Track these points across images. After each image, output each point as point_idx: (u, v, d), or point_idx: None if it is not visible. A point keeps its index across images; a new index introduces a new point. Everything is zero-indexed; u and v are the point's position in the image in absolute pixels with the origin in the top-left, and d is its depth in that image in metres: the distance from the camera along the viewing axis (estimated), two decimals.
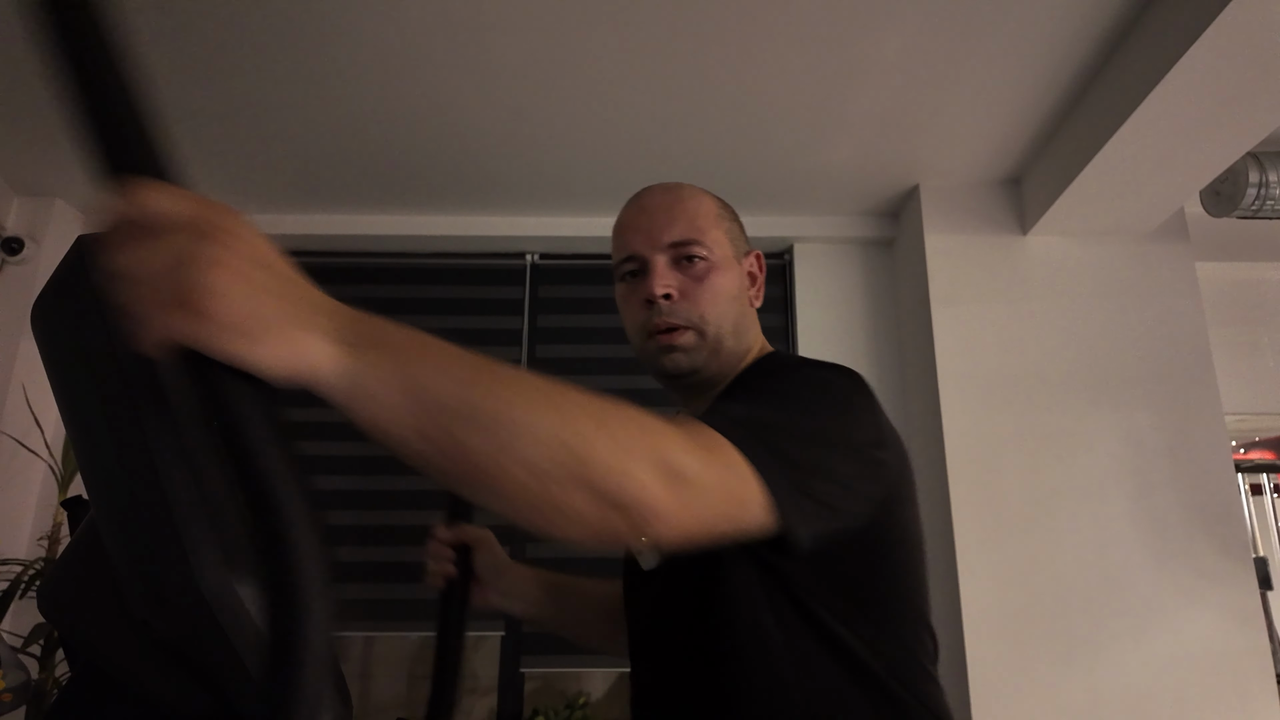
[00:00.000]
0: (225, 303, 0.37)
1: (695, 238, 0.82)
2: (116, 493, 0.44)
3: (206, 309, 0.37)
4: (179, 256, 0.37)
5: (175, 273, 0.37)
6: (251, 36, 1.64)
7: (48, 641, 1.85)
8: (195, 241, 0.38)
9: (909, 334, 2.30)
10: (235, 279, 0.38)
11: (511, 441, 0.44)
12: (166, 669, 0.47)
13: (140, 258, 0.37)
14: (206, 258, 0.37)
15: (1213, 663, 1.85)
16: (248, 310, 0.38)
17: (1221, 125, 1.67)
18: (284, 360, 0.39)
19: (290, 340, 0.39)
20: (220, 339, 0.37)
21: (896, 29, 1.61)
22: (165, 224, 0.38)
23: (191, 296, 0.36)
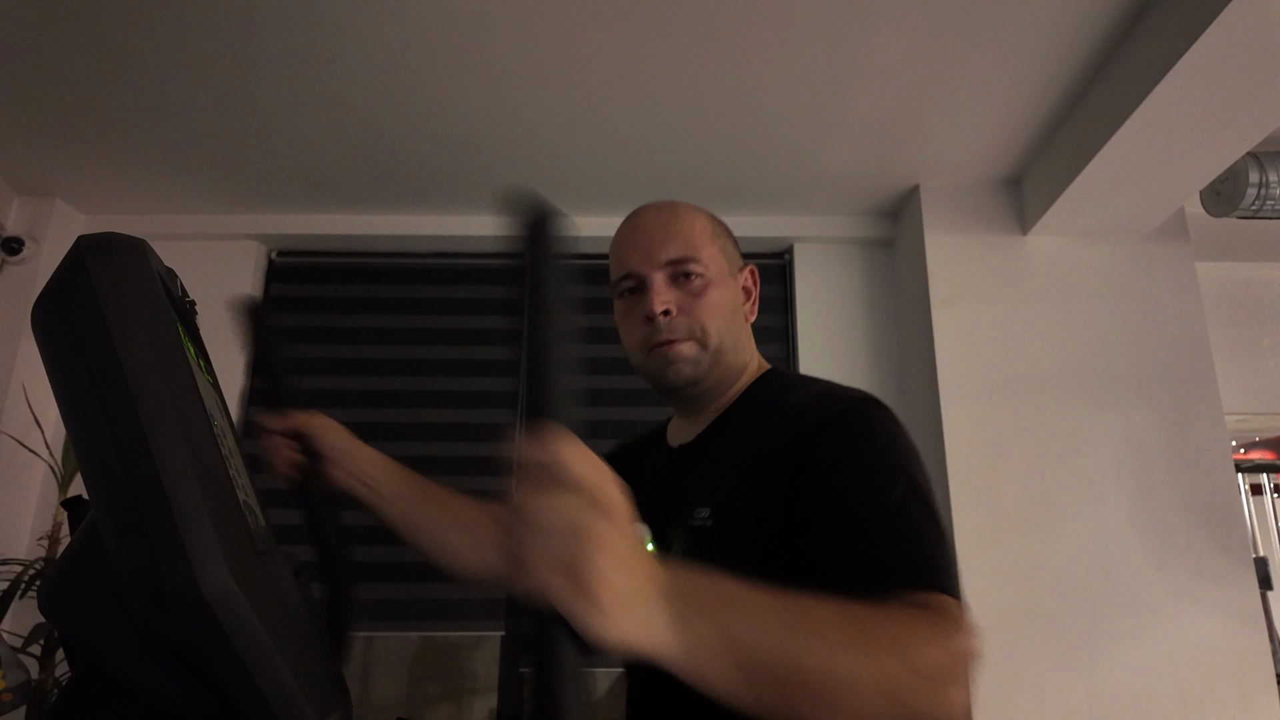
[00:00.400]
0: (605, 588, 0.40)
1: (691, 255, 0.84)
2: (117, 492, 0.44)
3: (588, 589, 0.39)
4: (578, 527, 0.40)
5: (572, 542, 0.40)
6: (252, 36, 1.64)
7: (48, 641, 1.85)
8: (594, 517, 0.40)
9: (909, 334, 2.30)
10: (618, 567, 0.40)
11: (838, 700, 0.49)
12: (167, 669, 0.47)
13: (544, 505, 0.40)
14: (601, 538, 0.40)
15: (1213, 663, 1.85)
16: (620, 598, 0.40)
17: (1221, 125, 1.67)
18: (627, 639, 0.41)
19: (638, 625, 0.42)
20: (587, 616, 0.39)
21: (897, 29, 1.61)
22: (570, 478, 0.41)
23: (581, 573, 0.39)
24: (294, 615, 0.60)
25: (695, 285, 0.84)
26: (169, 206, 2.36)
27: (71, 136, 2.00)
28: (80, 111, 1.89)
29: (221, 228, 2.39)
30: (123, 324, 0.47)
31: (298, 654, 0.52)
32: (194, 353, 0.61)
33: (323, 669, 0.64)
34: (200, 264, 2.32)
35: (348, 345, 2.40)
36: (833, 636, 0.49)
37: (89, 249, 0.49)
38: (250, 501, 0.60)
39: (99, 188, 2.26)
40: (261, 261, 2.46)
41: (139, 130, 1.97)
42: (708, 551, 0.75)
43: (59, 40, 1.64)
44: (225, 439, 0.61)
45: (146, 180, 2.22)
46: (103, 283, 0.47)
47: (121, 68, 1.73)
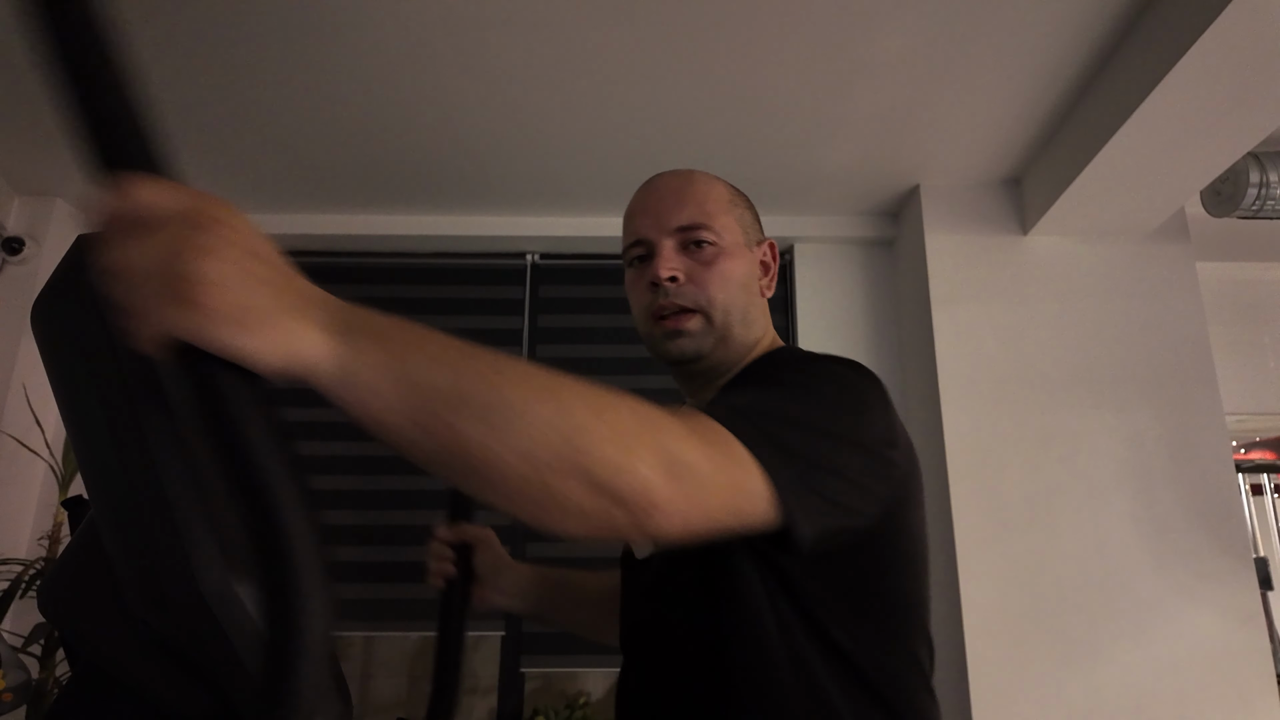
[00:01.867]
0: (218, 291, 0.37)
1: (704, 222, 0.81)
2: (116, 492, 0.44)
3: (199, 298, 0.36)
4: (170, 248, 0.37)
5: (167, 265, 0.37)
6: (252, 36, 1.64)
7: (48, 641, 1.85)
8: (186, 232, 0.37)
9: (909, 334, 2.30)
10: (227, 267, 0.37)
11: (507, 430, 0.43)
12: (166, 669, 0.47)
13: (132, 251, 0.37)
14: (198, 247, 0.37)
15: (1213, 663, 1.85)
16: (241, 299, 0.37)
17: (1221, 125, 1.67)
18: (277, 351, 0.38)
19: (284, 330, 0.39)
20: (213, 329, 0.37)
21: (896, 29, 1.61)
22: (157, 217, 0.38)
23: (184, 286, 0.36)
24: None
25: (706, 254, 0.81)
26: None
27: (67, 133, 2.00)
28: None
29: None
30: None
31: None
32: None
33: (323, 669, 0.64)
34: None
35: None
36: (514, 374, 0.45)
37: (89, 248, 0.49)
38: None
39: None
40: None
41: None
42: None
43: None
44: None
45: None
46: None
47: None
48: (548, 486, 0.45)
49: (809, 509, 0.58)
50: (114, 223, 0.38)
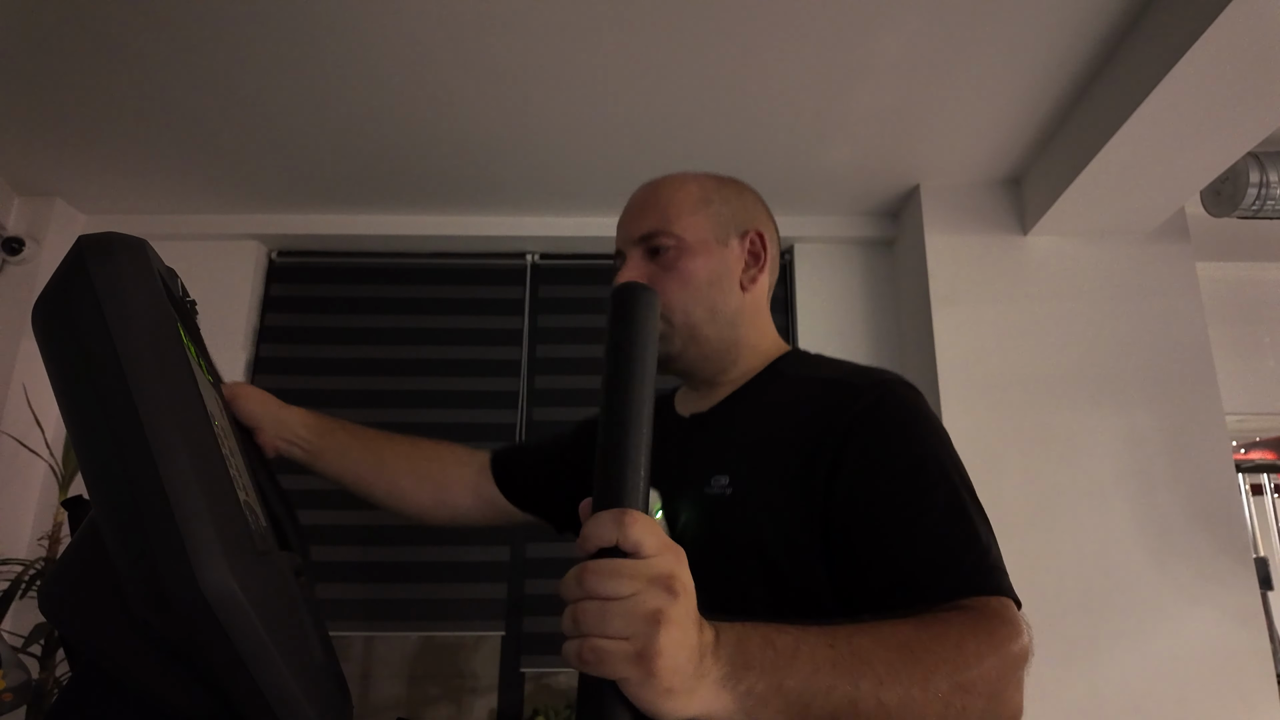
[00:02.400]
0: (669, 666, 0.40)
1: (661, 228, 0.82)
2: (117, 493, 0.44)
3: (653, 667, 0.40)
4: (645, 604, 0.40)
5: (640, 624, 0.40)
6: (253, 36, 1.64)
7: (48, 641, 1.85)
8: (663, 597, 0.41)
9: (909, 334, 2.30)
10: (682, 644, 0.41)
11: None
12: (167, 669, 0.47)
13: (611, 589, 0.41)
14: (667, 618, 0.40)
15: (1213, 663, 1.85)
16: (681, 674, 0.41)
17: (1221, 125, 1.67)
18: (684, 712, 0.42)
19: (697, 698, 0.42)
20: (649, 695, 0.40)
21: (896, 29, 1.61)
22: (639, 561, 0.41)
23: (649, 653, 0.40)
24: (294, 615, 0.60)
25: (667, 258, 0.82)
26: (169, 206, 2.36)
27: (71, 136, 2.00)
28: (80, 111, 1.89)
29: (221, 228, 2.39)
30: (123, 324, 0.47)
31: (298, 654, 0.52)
32: (194, 353, 0.61)
33: (323, 669, 0.64)
34: (200, 264, 2.33)
35: (348, 345, 2.40)
36: (884, 671, 0.49)
37: (89, 249, 0.49)
38: (251, 502, 0.60)
39: (99, 188, 2.26)
40: (261, 261, 2.46)
41: (139, 130, 1.97)
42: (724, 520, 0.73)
43: (59, 40, 1.64)
44: (226, 439, 0.61)
45: (146, 180, 2.22)
46: (103, 283, 0.47)
47: (122, 68, 1.73)
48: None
49: None
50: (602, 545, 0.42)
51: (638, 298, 0.46)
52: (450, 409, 2.36)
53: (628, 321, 0.45)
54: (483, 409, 2.36)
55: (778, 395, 0.79)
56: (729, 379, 0.84)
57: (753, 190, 0.91)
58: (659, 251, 0.82)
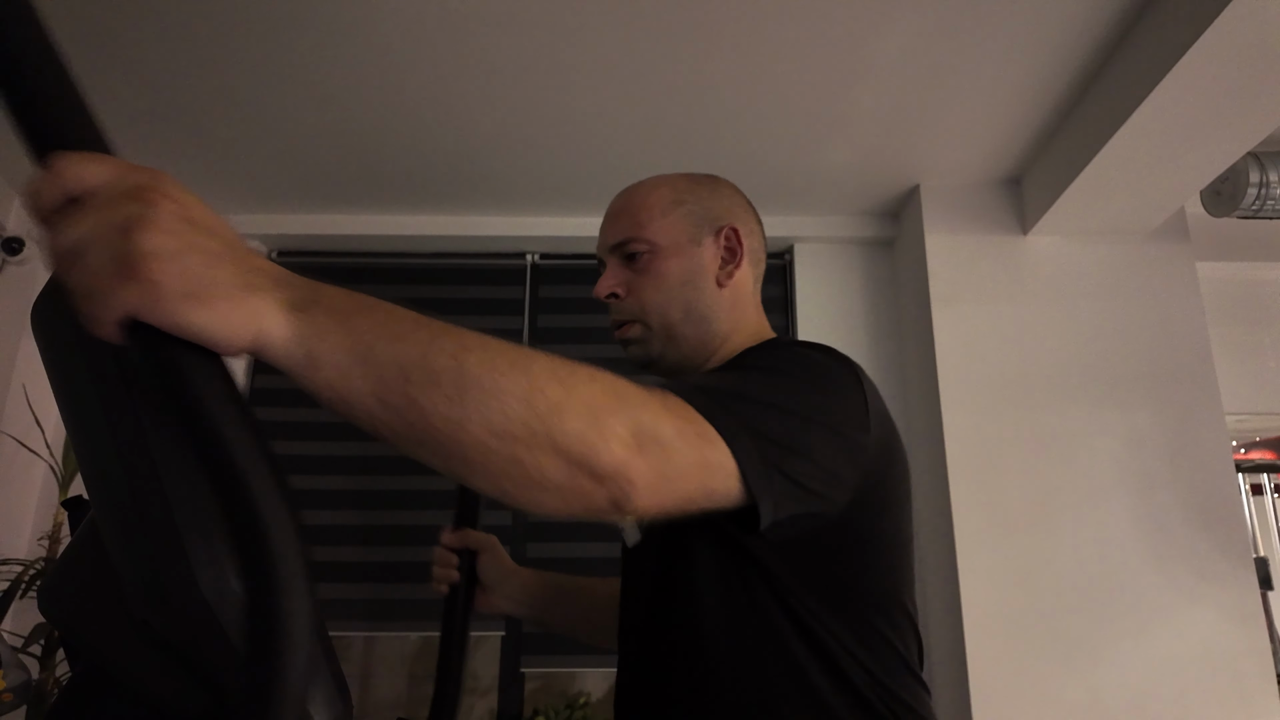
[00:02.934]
0: (167, 264, 0.35)
1: (633, 234, 0.84)
2: (116, 492, 0.44)
3: (147, 273, 0.35)
4: (111, 223, 0.35)
5: (110, 241, 0.35)
6: (252, 36, 1.64)
7: (48, 641, 1.85)
8: (126, 205, 0.36)
9: (909, 334, 2.30)
10: (173, 240, 0.36)
11: (474, 403, 0.42)
12: (167, 669, 0.47)
13: (71, 230, 0.36)
14: (140, 219, 0.36)
15: (1213, 663, 1.85)
16: (191, 272, 0.36)
17: (1221, 125, 1.67)
18: (234, 326, 0.37)
19: (242, 305, 0.38)
20: (167, 305, 0.35)
21: (896, 29, 1.61)
22: (93, 193, 0.36)
23: (130, 262, 0.35)
24: None
25: (641, 263, 0.84)
26: None
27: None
28: None
29: None
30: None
31: None
32: None
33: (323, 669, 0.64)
34: None
35: None
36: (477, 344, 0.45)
37: None
38: None
39: None
40: None
41: (139, 130, 1.97)
42: None
43: (59, 39, 1.64)
44: None
45: None
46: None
47: (122, 67, 1.73)
48: (519, 461, 0.44)
49: (775, 491, 0.58)
50: (49, 202, 0.37)
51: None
52: None
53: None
54: None
55: None
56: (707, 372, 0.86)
57: (729, 185, 0.91)
58: (634, 257, 0.84)
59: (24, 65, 0.38)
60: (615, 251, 0.86)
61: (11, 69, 0.37)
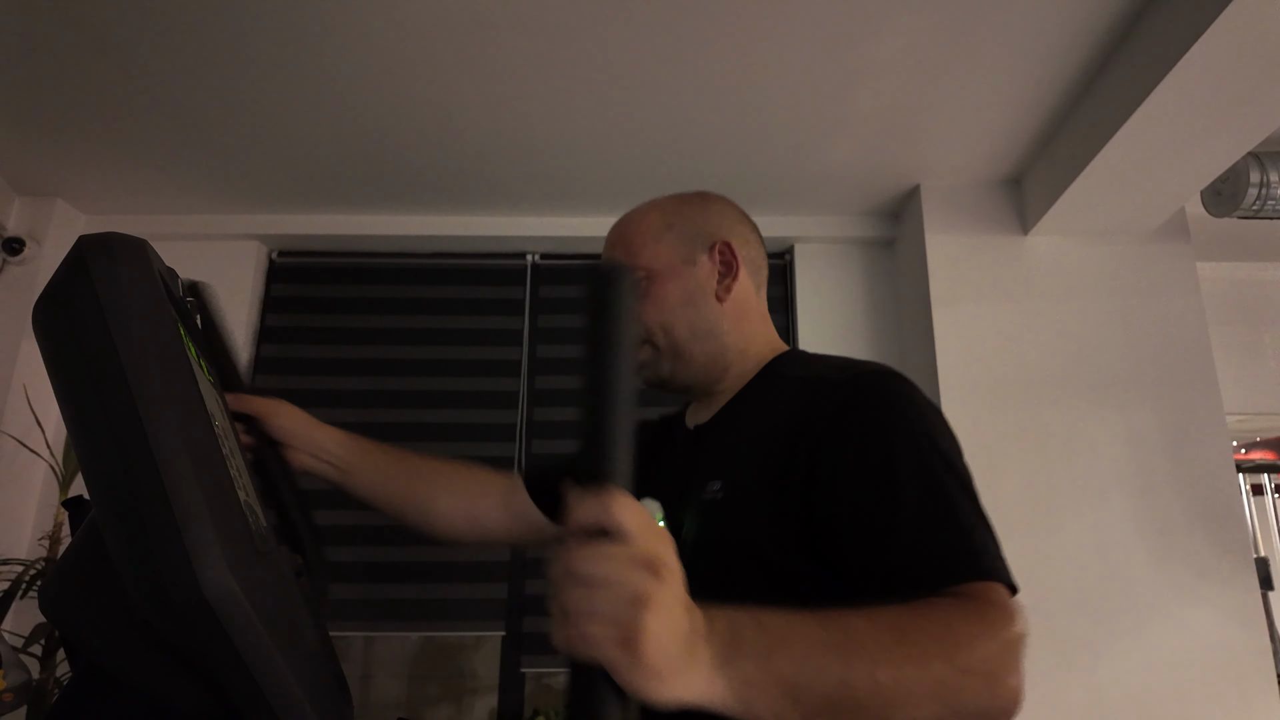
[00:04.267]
0: (656, 649, 0.40)
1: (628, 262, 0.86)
2: (118, 493, 0.44)
3: (640, 650, 0.39)
4: (630, 586, 0.40)
5: (626, 607, 0.40)
6: (253, 36, 1.64)
7: (49, 641, 1.85)
8: (644, 575, 0.40)
9: (909, 334, 2.30)
10: (668, 627, 0.41)
11: (892, 714, 0.49)
12: (168, 669, 0.47)
13: (597, 568, 0.40)
14: (653, 600, 0.40)
15: (1213, 663, 1.85)
16: (669, 655, 0.41)
17: (1221, 125, 1.67)
18: (674, 696, 0.42)
19: (687, 683, 0.42)
20: (637, 678, 0.40)
21: (896, 29, 1.61)
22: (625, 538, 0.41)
23: (632, 636, 0.39)
24: (295, 616, 0.60)
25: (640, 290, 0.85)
26: (169, 206, 2.36)
27: (71, 136, 2.00)
28: (80, 111, 1.89)
29: (221, 228, 2.39)
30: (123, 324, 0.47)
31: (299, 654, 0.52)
32: (194, 353, 0.61)
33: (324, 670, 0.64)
34: (200, 264, 2.33)
35: (348, 345, 2.41)
36: (877, 652, 0.49)
37: (89, 249, 0.49)
38: (251, 502, 0.60)
39: (99, 188, 2.26)
40: (262, 261, 2.46)
41: (139, 130, 1.97)
42: (718, 523, 0.75)
43: (59, 40, 1.64)
44: (226, 439, 0.61)
45: (146, 180, 2.22)
46: (103, 283, 0.47)
47: (122, 68, 1.73)
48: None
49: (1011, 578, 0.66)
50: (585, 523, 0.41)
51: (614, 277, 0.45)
52: (451, 409, 2.36)
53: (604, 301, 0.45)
54: (483, 409, 2.36)
55: (770, 397, 0.81)
56: (725, 387, 0.87)
57: (720, 200, 0.91)
58: None
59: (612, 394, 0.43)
60: None
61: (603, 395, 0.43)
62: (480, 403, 2.37)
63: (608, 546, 0.40)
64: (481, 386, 2.38)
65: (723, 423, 0.84)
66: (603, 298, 0.44)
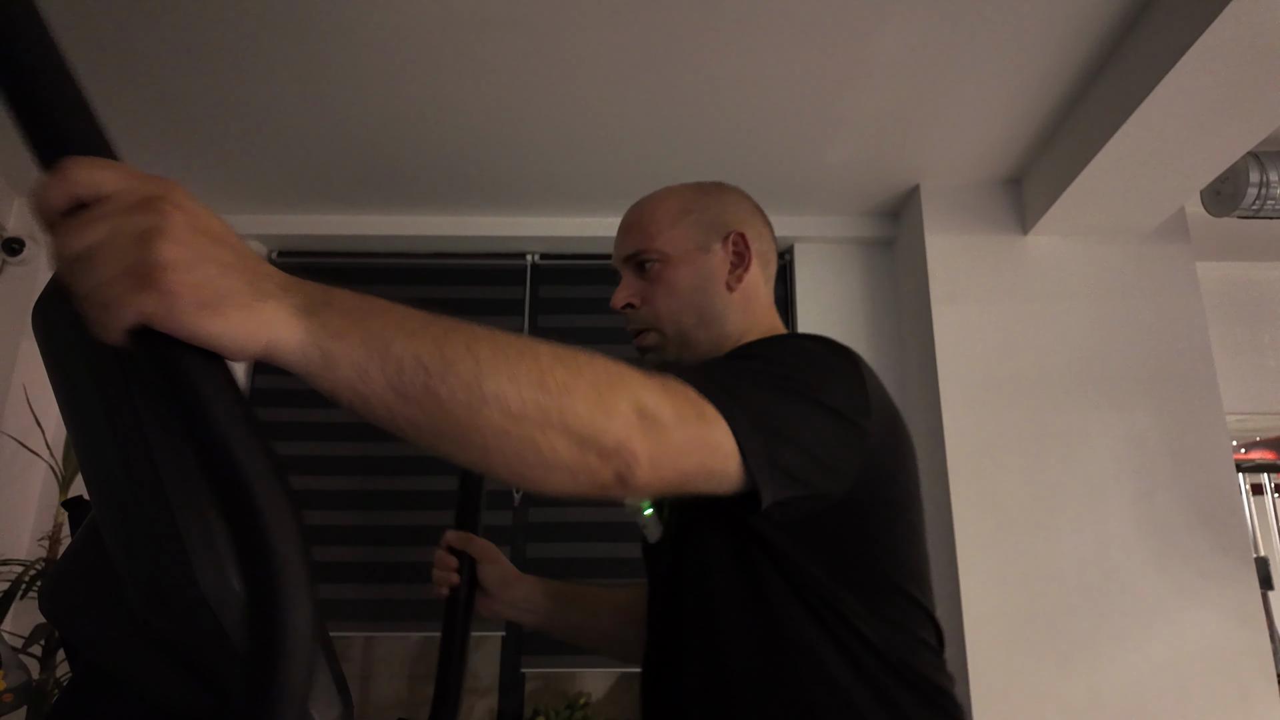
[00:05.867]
0: (180, 274, 0.36)
1: (644, 245, 0.87)
2: (117, 493, 0.44)
3: (163, 283, 0.36)
4: (126, 232, 0.36)
5: (125, 250, 0.36)
6: (253, 36, 1.64)
7: (49, 642, 1.85)
8: (141, 215, 0.36)
9: (909, 334, 2.30)
10: (187, 250, 0.37)
11: (488, 388, 0.44)
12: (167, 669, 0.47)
13: (84, 237, 0.36)
14: (154, 230, 0.36)
15: (1213, 663, 1.85)
16: (204, 281, 0.37)
17: (1221, 125, 1.67)
18: (250, 335, 0.38)
19: (255, 313, 0.39)
20: (181, 314, 0.36)
21: (896, 29, 1.61)
22: (105, 199, 0.37)
23: (145, 272, 0.35)
24: None
25: (652, 273, 0.87)
26: None
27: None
28: None
29: None
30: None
31: None
32: None
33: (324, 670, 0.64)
34: None
35: None
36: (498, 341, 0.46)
37: None
38: None
39: None
40: None
41: (139, 130, 1.97)
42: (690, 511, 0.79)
43: (59, 40, 1.64)
44: None
45: None
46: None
47: (122, 68, 1.73)
48: (532, 442, 0.46)
49: (774, 472, 0.60)
50: (60, 208, 0.37)
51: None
52: None
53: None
54: None
55: None
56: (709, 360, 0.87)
57: (737, 192, 0.93)
58: (646, 267, 0.87)
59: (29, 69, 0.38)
60: (628, 263, 0.89)
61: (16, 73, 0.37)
62: None
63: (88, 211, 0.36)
64: None
65: None
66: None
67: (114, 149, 0.39)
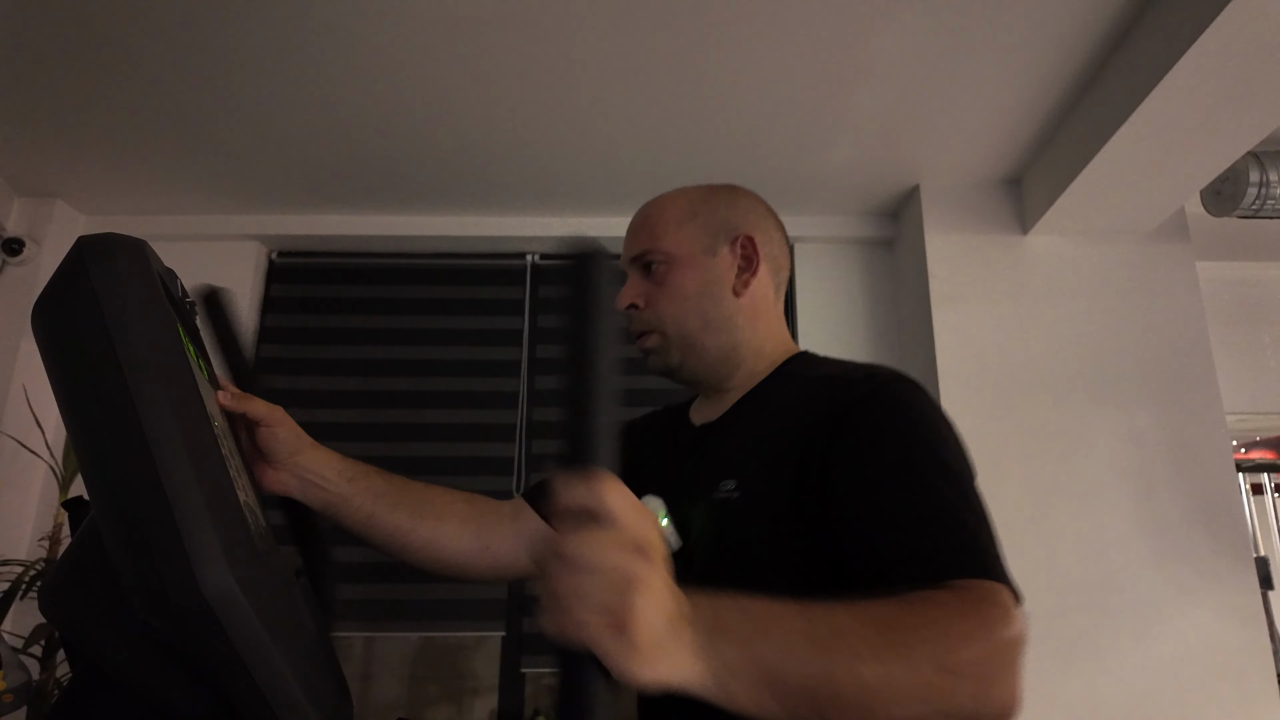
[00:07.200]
0: (644, 630, 0.39)
1: (650, 246, 0.85)
2: (117, 493, 0.44)
3: (631, 634, 0.39)
4: (623, 571, 0.39)
5: (614, 586, 0.39)
6: (253, 36, 1.64)
7: (49, 642, 1.85)
8: (637, 561, 0.40)
9: (909, 334, 2.30)
10: (656, 607, 0.40)
11: (876, 712, 0.48)
12: (168, 669, 0.47)
13: (589, 552, 0.40)
14: (645, 582, 0.40)
15: (1213, 662, 1.85)
16: (656, 639, 0.40)
17: (1221, 125, 1.67)
18: (660, 680, 0.41)
19: (670, 664, 0.42)
20: (627, 662, 0.39)
21: (896, 29, 1.61)
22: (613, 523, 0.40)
23: (623, 621, 0.39)
24: (295, 616, 0.60)
25: (658, 275, 0.85)
26: (169, 206, 2.36)
27: (71, 137, 2.00)
28: (80, 111, 1.89)
29: (221, 228, 2.40)
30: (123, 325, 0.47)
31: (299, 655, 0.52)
32: (194, 353, 0.61)
33: (324, 670, 0.64)
34: (200, 264, 2.33)
35: (348, 346, 2.40)
36: (862, 647, 0.49)
37: (89, 250, 0.49)
38: (251, 502, 0.60)
39: (99, 188, 2.26)
40: (261, 261, 2.46)
41: (139, 130, 1.97)
42: (734, 524, 0.74)
43: (59, 40, 1.64)
44: (225, 440, 0.61)
45: (146, 180, 2.22)
46: (103, 284, 0.47)
47: (122, 68, 1.73)
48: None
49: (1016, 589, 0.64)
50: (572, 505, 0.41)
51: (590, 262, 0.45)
52: (450, 409, 2.36)
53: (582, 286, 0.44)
54: (483, 409, 2.36)
55: (783, 397, 0.80)
56: (736, 384, 0.86)
57: (748, 194, 0.91)
58: (651, 269, 0.85)
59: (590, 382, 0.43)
60: (634, 264, 0.87)
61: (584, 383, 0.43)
62: (480, 403, 2.37)
63: (596, 531, 0.40)
64: (481, 387, 2.38)
65: (734, 421, 0.83)
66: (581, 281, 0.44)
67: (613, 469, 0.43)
